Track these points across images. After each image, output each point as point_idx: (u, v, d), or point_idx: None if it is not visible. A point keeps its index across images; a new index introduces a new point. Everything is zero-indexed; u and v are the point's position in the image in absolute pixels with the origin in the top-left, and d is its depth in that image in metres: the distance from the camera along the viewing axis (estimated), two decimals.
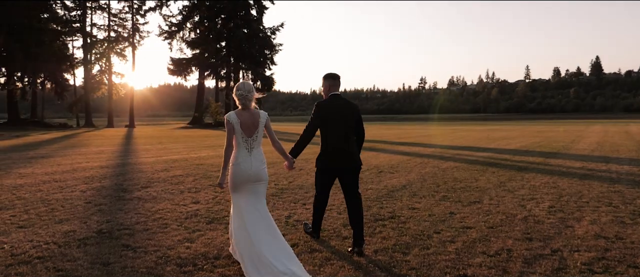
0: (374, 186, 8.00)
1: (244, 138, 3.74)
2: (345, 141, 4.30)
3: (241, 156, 3.74)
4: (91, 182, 8.44)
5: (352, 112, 4.36)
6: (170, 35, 47.02)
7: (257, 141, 3.80)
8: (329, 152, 4.32)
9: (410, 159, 12.62)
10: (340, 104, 4.35)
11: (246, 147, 3.75)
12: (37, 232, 4.92)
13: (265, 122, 3.84)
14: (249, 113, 3.78)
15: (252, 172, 3.72)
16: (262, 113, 3.84)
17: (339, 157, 4.30)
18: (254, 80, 46.55)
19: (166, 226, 5.21)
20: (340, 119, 4.30)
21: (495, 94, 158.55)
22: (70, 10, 47.75)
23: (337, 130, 4.28)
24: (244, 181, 3.71)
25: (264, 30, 45.78)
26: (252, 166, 3.73)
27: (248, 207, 3.71)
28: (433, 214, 5.76)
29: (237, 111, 3.81)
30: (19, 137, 26.12)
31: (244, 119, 3.74)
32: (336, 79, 4.44)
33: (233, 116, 3.74)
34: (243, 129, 3.73)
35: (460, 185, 8.07)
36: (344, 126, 4.29)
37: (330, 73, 4.47)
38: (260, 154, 3.82)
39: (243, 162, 3.72)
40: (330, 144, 4.31)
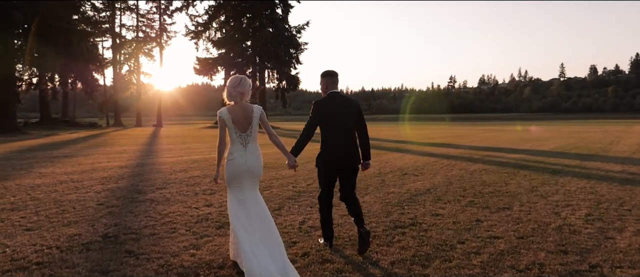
0: (397, 190, 7.66)
1: (238, 133, 3.71)
2: (345, 139, 4.26)
3: (236, 150, 3.72)
4: (107, 183, 8.39)
5: (352, 109, 4.31)
6: (196, 35, 47.53)
7: (251, 136, 3.75)
8: (329, 150, 4.27)
9: (437, 161, 12.18)
10: (339, 101, 4.30)
11: (241, 142, 3.72)
12: (43, 236, 4.81)
13: (260, 116, 3.77)
14: (242, 108, 3.73)
15: (247, 167, 3.69)
16: (255, 107, 3.78)
17: (339, 155, 4.26)
18: (279, 79, 46.59)
19: (174, 231, 5.03)
20: (339, 117, 4.25)
21: (528, 93, 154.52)
22: (100, 12, 48.90)
23: (336, 128, 4.25)
24: (239, 175, 3.69)
25: (290, 29, 45.72)
26: (247, 161, 3.70)
27: (245, 203, 3.68)
28: (458, 222, 5.39)
29: (229, 106, 3.76)
30: (48, 136, 26.79)
31: (236, 114, 3.70)
32: (334, 76, 4.40)
33: (224, 112, 3.71)
34: (236, 124, 3.69)
35: (488, 189, 7.64)
36: (343, 124, 4.26)
37: (328, 70, 4.44)
38: (256, 149, 3.78)
39: (238, 156, 3.69)
40: (330, 142, 4.27)
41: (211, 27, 47.15)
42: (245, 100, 3.79)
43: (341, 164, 4.29)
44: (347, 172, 4.34)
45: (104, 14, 50.43)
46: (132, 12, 55.21)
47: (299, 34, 45.95)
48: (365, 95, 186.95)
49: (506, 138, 23.37)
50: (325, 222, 4.45)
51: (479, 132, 32.11)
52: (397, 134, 28.62)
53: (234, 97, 3.75)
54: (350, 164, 4.31)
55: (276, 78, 46.78)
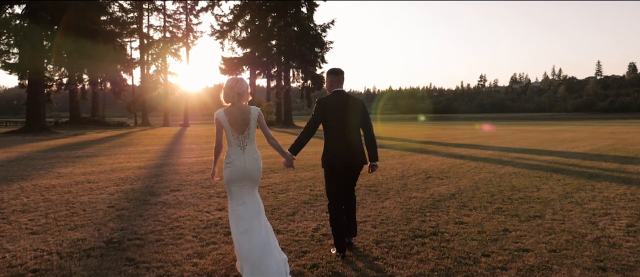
0: (419, 194, 7.30)
1: (235, 135, 3.66)
2: (348, 138, 4.20)
3: (234, 154, 3.65)
4: (123, 184, 8.31)
5: (357, 108, 4.25)
6: (221, 34, 47.88)
7: (249, 138, 3.69)
8: (332, 149, 4.21)
9: (464, 163, 11.71)
10: (343, 99, 4.24)
11: (238, 145, 3.66)
12: (46, 240, 4.68)
13: (257, 118, 3.72)
14: (239, 110, 3.67)
15: (246, 170, 3.63)
16: (252, 109, 3.72)
17: (342, 154, 4.18)
18: (304, 78, 46.44)
19: (181, 237, 4.84)
20: (342, 116, 4.20)
21: (562, 92, 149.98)
22: (128, 12, 49.83)
23: (340, 127, 4.19)
24: (239, 179, 3.63)
25: (315, 28, 45.50)
26: (245, 164, 3.64)
27: (247, 208, 3.63)
28: (483, 231, 5.01)
29: (226, 108, 3.69)
30: (75, 135, 27.35)
31: (233, 116, 3.64)
32: (339, 74, 4.35)
33: (221, 114, 3.65)
34: (233, 126, 3.64)
35: (518, 195, 7.19)
36: (346, 122, 4.20)
37: (333, 68, 4.41)
38: (254, 152, 3.71)
39: (237, 160, 3.63)
40: (333, 141, 4.21)
41: (236, 26, 47.41)
42: (243, 101, 3.71)
43: (344, 162, 4.19)
44: (352, 170, 4.28)
45: (131, 14, 51.34)
46: (160, 13, 56.13)
47: (324, 33, 45.74)
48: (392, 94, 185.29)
49: (538, 139, 22.51)
50: (337, 232, 4.20)
51: (510, 132, 31.14)
52: (424, 134, 28.03)
53: (231, 98, 3.68)
54: (354, 162, 4.23)
55: (301, 77, 46.65)
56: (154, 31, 56.79)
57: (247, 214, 3.61)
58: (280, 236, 4.86)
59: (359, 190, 7.65)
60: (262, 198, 6.96)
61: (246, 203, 3.65)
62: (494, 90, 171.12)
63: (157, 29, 57.16)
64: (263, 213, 3.73)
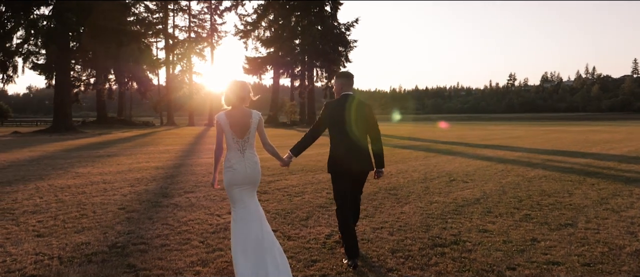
0: (441, 199, 6.96)
1: (235, 139, 3.61)
2: (354, 143, 4.12)
3: (234, 158, 3.60)
4: (137, 185, 8.24)
5: (364, 113, 4.16)
6: (245, 34, 48.12)
7: (249, 143, 3.64)
8: (337, 153, 4.17)
9: (490, 165, 11.26)
10: (351, 103, 4.17)
11: (238, 149, 3.61)
12: (50, 244, 4.58)
13: (258, 122, 3.68)
14: (240, 113, 3.63)
15: (247, 175, 3.59)
16: (254, 113, 3.69)
17: (347, 158, 4.11)
18: (328, 78, 46.22)
19: (187, 242, 4.66)
20: (349, 120, 4.12)
21: (596, 91, 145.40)
22: (153, 13, 50.60)
23: (345, 132, 4.13)
24: (239, 183, 3.58)
25: (339, 26, 45.25)
26: (246, 169, 3.59)
27: (250, 210, 3.59)
28: (509, 241, 4.67)
29: (227, 111, 3.65)
30: (100, 135, 27.83)
31: (234, 119, 3.60)
32: (349, 77, 4.29)
33: (222, 116, 3.61)
34: (233, 129, 3.59)
35: (548, 200, 6.78)
36: (352, 127, 4.12)
37: (343, 71, 4.41)
38: (253, 156, 3.66)
39: (237, 164, 3.58)
40: (337, 145, 4.17)
41: (260, 26, 47.57)
42: (245, 105, 3.68)
43: (348, 168, 4.11)
44: (357, 176, 4.21)
45: (157, 15, 52.12)
46: (185, 13, 56.86)
47: (347, 32, 45.46)
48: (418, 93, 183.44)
49: (571, 140, 21.69)
50: (348, 239, 4.00)
51: (540, 133, 30.18)
52: (450, 135, 27.41)
53: (232, 101, 3.64)
54: (358, 169, 4.14)
55: (325, 77, 46.45)
56: (179, 31, 57.59)
57: (250, 216, 3.58)
58: (290, 243, 4.64)
59: (378, 193, 7.38)
60: (277, 201, 6.78)
61: (248, 206, 3.60)
62: (524, 90, 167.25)
63: (182, 29, 57.93)
64: (264, 219, 3.66)
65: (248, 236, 3.49)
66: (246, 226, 3.52)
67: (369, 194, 7.28)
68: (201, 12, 55.85)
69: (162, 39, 55.82)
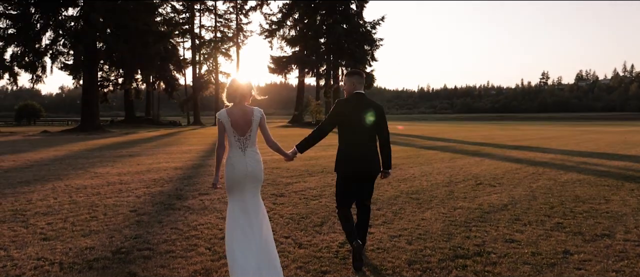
0: (466, 204, 6.61)
1: (236, 137, 3.58)
2: (363, 143, 4.06)
3: (235, 156, 3.58)
4: (153, 186, 8.16)
5: (375, 113, 4.09)
6: (270, 33, 48.22)
7: (250, 140, 3.61)
8: (345, 154, 4.10)
9: (520, 168, 10.78)
10: (362, 103, 4.11)
11: (239, 146, 3.59)
12: (54, 248, 4.48)
13: (259, 119, 3.63)
14: (241, 111, 3.60)
15: (247, 173, 3.55)
16: (255, 110, 3.64)
17: (355, 159, 4.05)
18: None
19: (193, 248, 4.49)
20: (359, 120, 4.05)
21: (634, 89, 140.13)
22: (180, 13, 51.28)
23: (355, 132, 4.07)
24: (239, 181, 3.55)
25: (364, 25, 44.83)
26: (247, 166, 3.56)
27: (247, 211, 3.56)
28: (538, 253, 4.31)
29: (228, 108, 3.64)
30: (127, 134, 28.26)
31: (235, 116, 3.57)
32: (361, 76, 4.25)
33: (223, 114, 3.60)
34: (234, 127, 3.57)
35: (582, 207, 6.34)
36: (362, 127, 4.06)
37: (354, 70, 4.39)
38: (255, 154, 3.63)
39: (237, 162, 3.56)
40: (346, 146, 4.10)
41: (285, 25, 47.59)
42: (246, 102, 3.67)
43: (355, 169, 4.05)
44: (365, 178, 4.13)
45: (183, 15, 52.79)
46: (211, 13, 57.44)
47: (373, 30, 44.96)
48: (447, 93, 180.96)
49: (608, 141, 20.77)
50: (350, 232, 4.04)
51: (575, 133, 29.12)
52: (480, 135, 26.70)
53: (233, 99, 3.63)
54: (367, 170, 4.08)
55: None
56: (206, 31, 58.21)
57: (246, 217, 3.54)
58: (300, 251, 4.40)
59: (399, 197, 7.08)
60: (292, 205, 6.56)
61: (247, 207, 3.57)
62: (558, 89, 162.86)
63: (208, 29, 58.54)
64: (265, 219, 3.64)
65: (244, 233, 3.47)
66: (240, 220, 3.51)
67: (389, 198, 6.99)
68: (227, 11, 56.31)
69: (189, 39, 56.55)
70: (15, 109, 59.43)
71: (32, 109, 56.89)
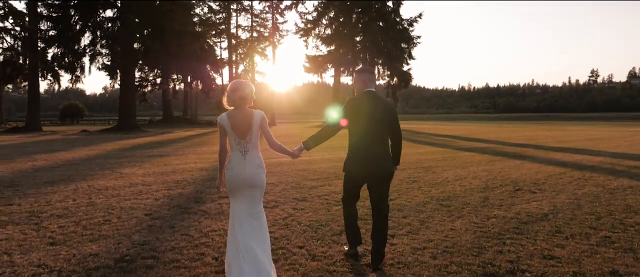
0: (501, 213, 6.11)
1: (237, 141, 3.57)
2: (373, 143, 3.96)
3: (235, 159, 3.58)
4: (175, 188, 8.04)
5: (386, 113, 4.00)
6: (306, 32, 48.09)
7: (251, 144, 3.58)
8: (354, 155, 4.03)
9: (565, 172, 10.08)
10: (373, 102, 4.00)
11: (240, 150, 3.57)
12: (58, 254, 4.35)
13: (260, 122, 3.60)
14: (241, 114, 3.56)
15: (245, 177, 3.53)
16: (256, 113, 3.61)
17: (364, 161, 3.96)
18: (390, 76, 45.14)
19: (200, 258, 4.26)
20: (369, 119, 3.96)
21: None
22: (216, 13, 52.00)
23: (365, 132, 3.98)
24: (237, 186, 3.54)
25: (401, 22, 43.99)
26: (245, 171, 3.53)
27: (242, 215, 3.53)
28: (581, 272, 3.84)
29: (229, 112, 3.60)
30: (162, 134, 28.73)
31: (235, 120, 3.54)
32: (372, 73, 4.18)
33: (224, 117, 3.58)
34: (235, 130, 3.54)
35: (634, 219, 5.74)
36: (373, 127, 3.97)
37: (364, 67, 4.29)
38: (256, 158, 3.60)
39: (236, 166, 3.55)
40: (356, 147, 4.01)
41: (320, 23, 47.30)
42: (247, 105, 3.61)
43: (365, 169, 3.97)
44: (373, 180, 4.02)
45: (220, 15, 53.50)
46: (247, 13, 57.91)
47: (411, 27, 44.01)
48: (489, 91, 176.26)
49: None
50: (350, 228, 4.19)
51: (627, 134, 27.47)
52: (522, 136, 25.58)
53: (233, 101, 3.58)
54: (377, 171, 3.96)
55: (387, 75, 45.38)
56: (242, 31, 58.76)
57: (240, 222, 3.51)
58: (313, 264, 4.09)
59: (428, 204, 6.66)
60: (313, 210, 6.25)
61: (243, 212, 3.54)
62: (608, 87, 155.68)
63: (244, 29, 59.06)
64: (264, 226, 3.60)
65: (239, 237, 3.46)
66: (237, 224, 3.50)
67: (417, 205, 6.58)
68: (263, 11, 56.60)
69: (225, 39, 57.24)
70: (60, 109, 61.90)
71: (76, 108, 59.10)
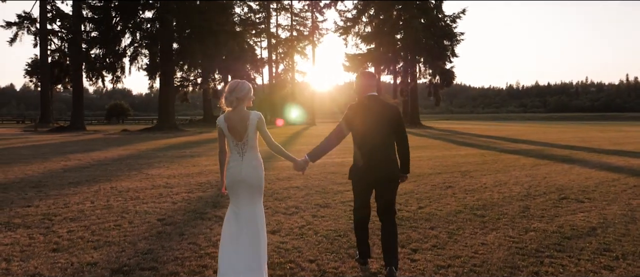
0: (542, 225, 5.54)
1: (234, 142, 3.60)
2: (378, 148, 3.87)
3: (232, 161, 3.64)
4: (196, 191, 7.87)
5: (389, 116, 3.90)
6: (345, 30, 47.71)
7: (248, 145, 3.60)
8: (358, 161, 3.94)
9: (619, 179, 9.25)
10: (375, 106, 3.92)
11: (237, 151, 3.61)
12: (57, 262, 4.20)
13: (256, 124, 3.58)
14: (238, 115, 3.58)
15: (242, 178, 3.56)
16: (252, 114, 3.60)
17: (370, 166, 3.86)
18: (431, 74, 44.05)
19: (201, 271, 4.01)
20: (372, 124, 3.88)
21: None
22: (256, 13, 52.47)
23: (369, 137, 3.88)
24: (235, 186, 3.60)
25: (443, 18, 42.84)
26: (241, 171, 3.57)
27: (238, 216, 3.59)
28: None
29: (226, 113, 3.62)
30: (200, 133, 29.09)
31: (232, 122, 3.57)
32: (373, 77, 4.13)
33: (221, 119, 3.63)
34: (232, 132, 3.58)
35: None
36: (377, 132, 3.87)
37: (365, 71, 4.36)
38: (253, 159, 3.62)
39: (234, 167, 3.60)
40: (360, 152, 3.92)
41: (360, 21, 46.81)
42: (244, 106, 3.61)
43: (372, 176, 3.86)
44: (381, 184, 3.90)
45: (259, 15, 53.96)
46: (287, 12, 58.18)
47: (454, 24, 42.80)
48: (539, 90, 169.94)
49: None
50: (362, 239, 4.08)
51: None
52: (573, 137, 24.20)
53: (231, 102, 3.58)
54: (382, 175, 3.85)
55: (429, 73, 44.32)
56: (282, 30, 59.07)
57: (236, 224, 3.55)
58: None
59: (460, 213, 6.16)
60: (334, 218, 5.89)
61: (240, 212, 3.58)
62: None
63: (284, 28, 59.37)
64: (259, 227, 3.57)
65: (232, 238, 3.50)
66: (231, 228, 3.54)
67: (448, 214, 6.10)
68: (302, 10, 56.75)
69: (265, 39, 57.73)
70: (106, 109, 64.24)
71: (121, 108, 61.14)
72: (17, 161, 12.14)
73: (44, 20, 37.19)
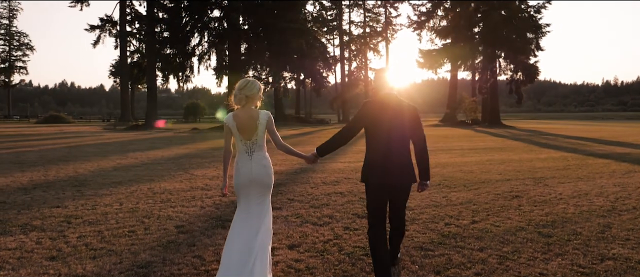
0: (624, 252, 4.50)
1: (243, 141, 3.61)
2: (393, 150, 3.66)
3: (241, 160, 3.62)
4: (230, 195, 7.47)
5: (407, 116, 3.70)
6: (419, 25, 46.17)
7: (257, 144, 3.62)
8: (371, 162, 3.72)
9: None
10: (392, 104, 3.73)
11: (246, 151, 3.61)
12: (47, 272, 3.96)
13: (266, 123, 3.62)
14: (247, 114, 3.60)
15: (253, 177, 3.57)
16: (262, 113, 3.64)
17: (382, 169, 3.64)
18: (513, 70, 41.32)
19: None
20: (388, 123, 3.66)
21: None
22: (327, 10, 52.37)
23: (383, 138, 3.67)
24: (244, 187, 3.59)
25: (526, 9, 39.97)
26: (252, 171, 3.58)
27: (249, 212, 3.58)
28: None
29: (235, 112, 3.64)
30: None
31: (241, 120, 3.58)
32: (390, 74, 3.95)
33: (229, 118, 3.62)
34: (241, 131, 3.58)
35: None
36: (392, 133, 3.67)
37: (384, 67, 4.14)
38: (263, 159, 3.64)
39: (243, 167, 3.59)
40: (373, 154, 3.73)
41: (435, 15, 45.07)
42: (253, 105, 3.65)
43: (382, 179, 3.62)
44: (396, 192, 3.73)
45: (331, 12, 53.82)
46: (360, 8, 57.60)
47: (538, 14, 39.81)
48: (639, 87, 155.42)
49: None
50: (380, 265, 3.50)
51: None
52: None
53: (240, 100, 3.61)
54: (399, 180, 3.65)
55: (510, 69, 41.62)
56: (355, 27, 58.58)
57: (246, 222, 3.54)
58: None
59: (521, 231, 5.26)
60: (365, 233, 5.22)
61: (251, 212, 3.58)
62: None
63: (357, 25, 58.84)
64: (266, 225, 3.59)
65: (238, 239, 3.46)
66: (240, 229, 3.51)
67: (505, 231, 5.21)
68: (375, 5, 55.93)
69: (337, 36, 57.51)
70: (183, 108, 67.36)
71: (197, 107, 63.78)
72: (76, 159, 12.59)
73: (124, 22, 39.45)
